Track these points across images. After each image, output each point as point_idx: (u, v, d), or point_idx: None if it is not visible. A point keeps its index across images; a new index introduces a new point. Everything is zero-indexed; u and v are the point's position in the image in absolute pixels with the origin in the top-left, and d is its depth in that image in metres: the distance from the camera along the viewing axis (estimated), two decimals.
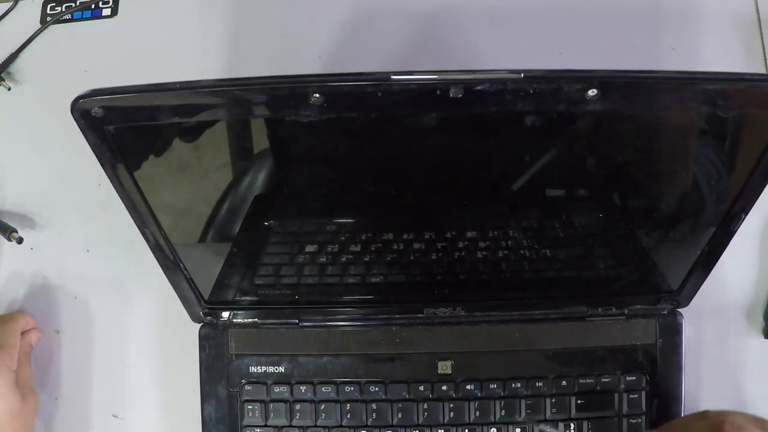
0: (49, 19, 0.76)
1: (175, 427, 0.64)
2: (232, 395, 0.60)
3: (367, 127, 0.41)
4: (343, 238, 0.54)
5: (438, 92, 0.36)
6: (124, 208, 0.48)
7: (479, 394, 0.58)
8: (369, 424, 0.59)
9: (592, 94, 0.37)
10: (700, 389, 0.60)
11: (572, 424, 0.58)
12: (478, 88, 0.36)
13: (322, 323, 0.60)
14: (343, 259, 0.56)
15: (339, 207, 0.51)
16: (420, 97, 0.37)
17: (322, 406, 0.59)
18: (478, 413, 0.58)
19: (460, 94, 0.36)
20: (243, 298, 0.60)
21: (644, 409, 0.58)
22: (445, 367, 0.59)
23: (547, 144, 0.45)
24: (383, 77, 0.36)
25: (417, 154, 0.45)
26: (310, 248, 0.55)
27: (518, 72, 0.36)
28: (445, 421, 0.58)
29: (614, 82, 0.37)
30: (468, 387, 0.59)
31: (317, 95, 0.36)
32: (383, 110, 0.38)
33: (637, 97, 0.38)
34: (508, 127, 0.43)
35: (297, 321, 0.60)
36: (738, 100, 0.39)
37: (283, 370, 0.60)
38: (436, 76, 0.36)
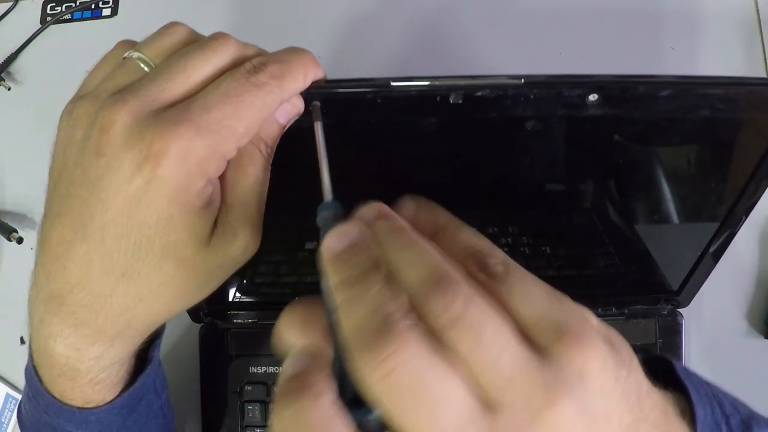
0: (49, 19, 0.76)
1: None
2: (232, 395, 0.60)
3: (365, 132, 0.41)
4: None
5: (438, 98, 0.36)
6: None
7: None
8: None
9: (592, 99, 0.37)
10: None
11: None
12: (478, 94, 0.36)
13: None
14: None
15: None
16: (419, 103, 0.37)
17: None
18: None
19: (459, 100, 0.36)
20: (243, 298, 0.60)
21: None
22: None
23: (548, 147, 0.45)
24: (383, 83, 0.36)
25: (416, 158, 0.45)
26: (309, 245, 0.55)
27: (518, 78, 0.36)
28: None
29: (615, 87, 0.37)
30: None
31: (316, 102, 0.36)
32: (382, 116, 0.38)
33: (637, 102, 0.38)
34: (508, 132, 0.42)
35: None
36: (738, 104, 0.39)
37: None
38: (435, 83, 0.36)
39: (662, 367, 0.38)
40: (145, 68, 0.34)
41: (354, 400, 0.26)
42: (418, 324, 0.25)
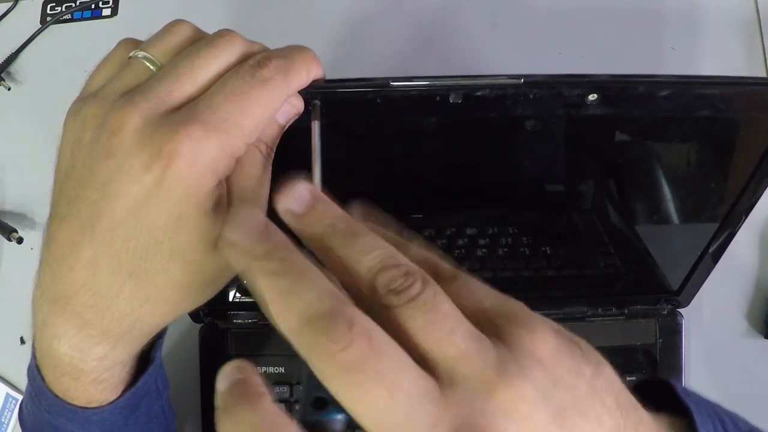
0: (49, 19, 0.76)
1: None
2: None
3: (365, 132, 0.41)
4: None
5: (437, 98, 0.36)
6: None
7: None
8: None
9: (592, 99, 0.37)
10: (700, 390, 0.60)
11: None
12: (478, 93, 0.36)
13: None
14: None
15: None
16: (419, 103, 0.37)
17: None
18: None
19: (459, 99, 0.36)
20: (243, 299, 0.60)
21: None
22: None
23: (547, 147, 0.45)
24: (383, 83, 0.36)
25: (416, 158, 0.45)
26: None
27: (518, 77, 0.36)
28: None
29: (614, 87, 0.37)
30: None
31: (316, 101, 0.36)
32: (382, 116, 0.38)
33: (637, 101, 0.38)
34: (508, 132, 0.43)
35: None
36: (738, 104, 0.39)
37: (283, 370, 0.60)
38: (435, 82, 0.36)
39: (660, 389, 0.38)
40: (152, 68, 0.34)
41: (316, 403, 0.26)
42: (368, 307, 0.25)
